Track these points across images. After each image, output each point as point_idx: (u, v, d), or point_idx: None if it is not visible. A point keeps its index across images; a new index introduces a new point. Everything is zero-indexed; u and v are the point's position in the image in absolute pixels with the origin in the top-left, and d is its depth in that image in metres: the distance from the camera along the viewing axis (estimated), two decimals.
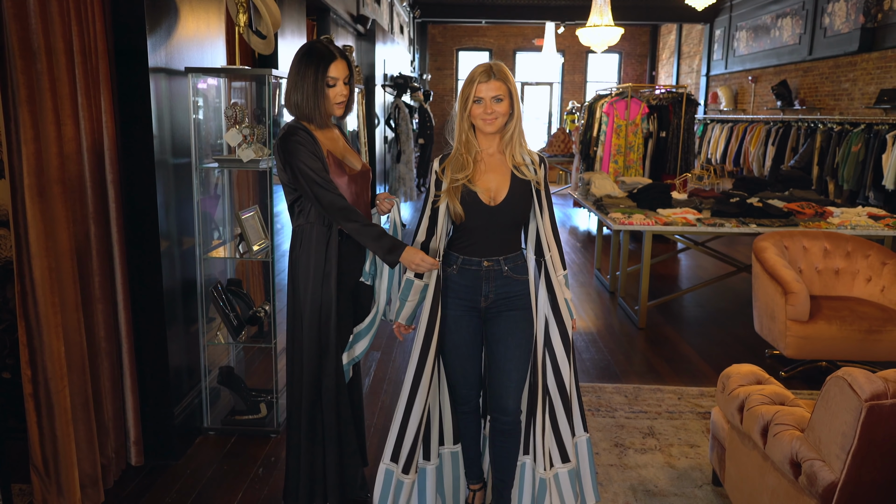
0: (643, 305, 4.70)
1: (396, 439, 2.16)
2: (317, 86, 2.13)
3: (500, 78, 2.03)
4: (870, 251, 3.91)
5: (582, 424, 2.26)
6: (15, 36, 2.08)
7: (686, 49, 13.44)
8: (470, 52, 15.26)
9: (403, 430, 2.15)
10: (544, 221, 2.15)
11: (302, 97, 2.14)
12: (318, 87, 2.13)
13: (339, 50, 2.19)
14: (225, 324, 3.05)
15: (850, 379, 1.77)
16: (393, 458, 2.17)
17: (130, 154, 2.63)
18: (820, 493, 1.83)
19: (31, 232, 2.17)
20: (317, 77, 2.13)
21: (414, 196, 8.26)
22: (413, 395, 2.14)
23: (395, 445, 2.17)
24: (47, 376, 2.27)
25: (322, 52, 2.15)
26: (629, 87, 7.67)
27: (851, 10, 7.60)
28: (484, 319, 2.22)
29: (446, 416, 2.31)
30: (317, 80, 2.13)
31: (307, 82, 2.13)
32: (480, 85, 2.02)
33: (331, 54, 2.15)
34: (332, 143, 2.27)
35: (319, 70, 2.13)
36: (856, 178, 6.60)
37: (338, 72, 2.15)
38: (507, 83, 2.04)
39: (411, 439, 2.15)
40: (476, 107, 2.05)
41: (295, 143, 2.12)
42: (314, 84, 2.13)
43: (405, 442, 2.15)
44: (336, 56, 2.15)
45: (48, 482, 2.34)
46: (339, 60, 2.16)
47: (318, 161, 2.14)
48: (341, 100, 2.19)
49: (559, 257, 2.18)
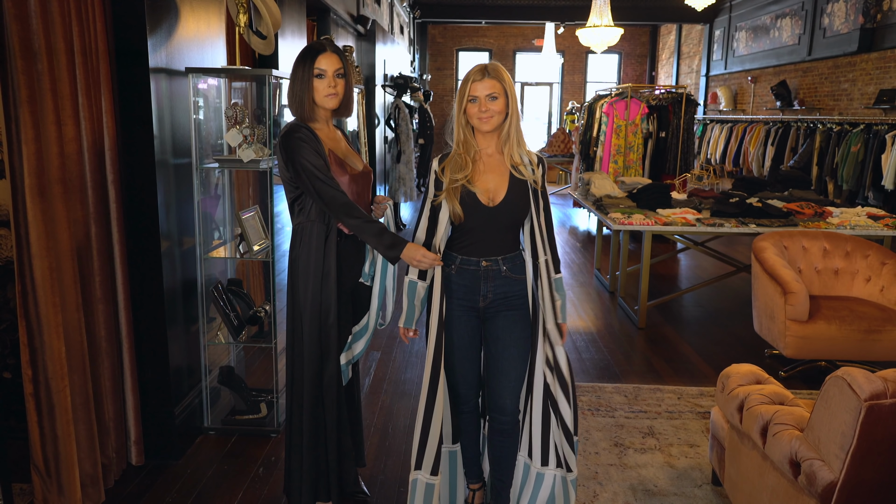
0: (643, 305, 4.70)
1: (419, 446, 2.16)
2: (304, 77, 2.17)
3: (494, 76, 2.04)
4: (869, 251, 3.91)
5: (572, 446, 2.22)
6: (16, 36, 2.09)
7: (686, 49, 13.45)
8: (470, 53, 15.26)
9: (426, 435, 2.15)
10: (539, 222, 2.15)
11: (292, 91, 2.20)
12: (305, 78, 2.17)
13: (331, 45, 2.21)
14: (225, 324, 3.06)
15: (849, 379, 1.77)
16: (417, 466, 2.17)
17: (131, 154, 2.63)
18: (819, 492, 1.83)
19: (32, 232, 2.18)
20: (304, 69, 2.17)
21: (414, 196, 8.26)
22: (432, 400, 2.14)
23: (419, 452, 2.16)
24: (48, 376, 2.28)
25: (312, 46, 2.20)
26: (629, 88, 7.68)
27: (851, 10, 7.61)
28: (482, 319, 2.23)
29: (446, 415, 2.31)
30: (304, 72, 2.17)
31: (297, 76, 2.18)
32: (475, 83, 2.04)
33: (320, 47, 2.19)
34: (333, 142, 2.28)
35: (307, 62, 2.17)
36: (855, 179, 6.61)
37: (327, 64, 2.18)
38: (502, 81, 2.05)
39: (436, 442, 2.15)
40: (471, 105, 2.06)
41: (297, 140, 2.14)
42: (303, 76, 2.17)
43: (429, 446, 2.15)
44: (325, 49, 2.19)
45: (49, 482, 2.34)
46: (329, 53, 2.18)
47: (321, 158, 2.15)
48: (329, 92, 2.19)
49: (554, 260, 2.18)
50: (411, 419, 3.22)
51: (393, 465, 2.84)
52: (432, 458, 2.16)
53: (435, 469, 2.16)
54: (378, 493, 2.64)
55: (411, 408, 3.35)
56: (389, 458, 2.89)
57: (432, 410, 2.13)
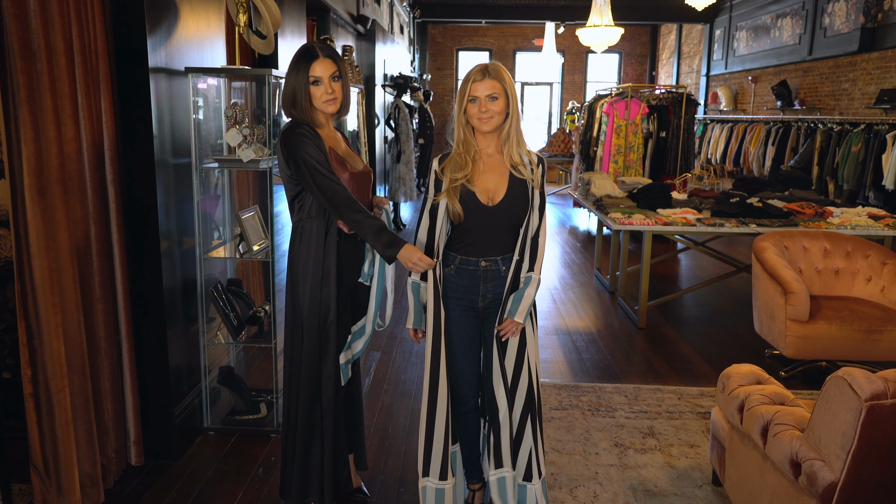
0: (643, 305, 4.70)
1: (424, 453, 2.17)
2: (300, 83, 2.16)
3: (494, 77, 2.04)
4: (870, 251, 3.91)
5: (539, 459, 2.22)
6: (15, 36, 2.08)
7: (686, 49, 13.45)
8: (470, 53, 15.26)
9: (430, 441, 2.15)
10: (532, 220, 2.14)
11: (287, 95, 2.19)
12: (301, 85, 2.16)
13: (325, 48, 2.19)
14: (225, 324, 3.06)
15: (849, 379, 1.77)
16: (425, 473, 2.18)
17: (130, 154, 2.63)
18: (820, 493, 1.83)
19: (32, 232, 2.17)
20: (298, 77, 2.16)
21: (414, 196, 8.26)
22: (433, 404, 2.14)
23: (425, 459, 2.17)
24: (47, 376, 2.27)
25: (306, 52, 2.18)
26: (629, 88, 7.67)
27: (851, 10, 7.61)
28: (482, 319, 2.23)
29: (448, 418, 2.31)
30: (299, 78, 2.16)
31: (292, 82, 2.17)
32: (475, 84, 2.04)
33: (313, 54, 2.16)
34: (334, 142, 2.29)
35: (301, 70, 2.16)
36: (856, 178, 6.61)
37: (322, 70, 2.16)
38: (502, 82, 2.04)
39: (441, 447, 2.15)
40: (471, 106, 2.06)
41: (299, 136, 2.14)
42: (298, 83, 2.16)
43: (434, 451, 2.16)
44: (318, 55, 2.16)
45: (48, 482, 2.34)
46: (323, 59, 2.16)
47: (322, 153, 2.15)
48: (328, 98, 2.19)
49: (534, 258, 2.15)
50: (412, 419, 3.22)
51: (393, 465, 2.84)
52: (439, 463, 2.16)
53: (444, 474, 2.16)
54: (378, 493, 2.64)
55: (411, 408, 3.34)
56: (389, 458, 2.89)
57: (434, 414, 2.14)
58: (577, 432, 3.14)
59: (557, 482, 2.72)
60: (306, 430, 2.31)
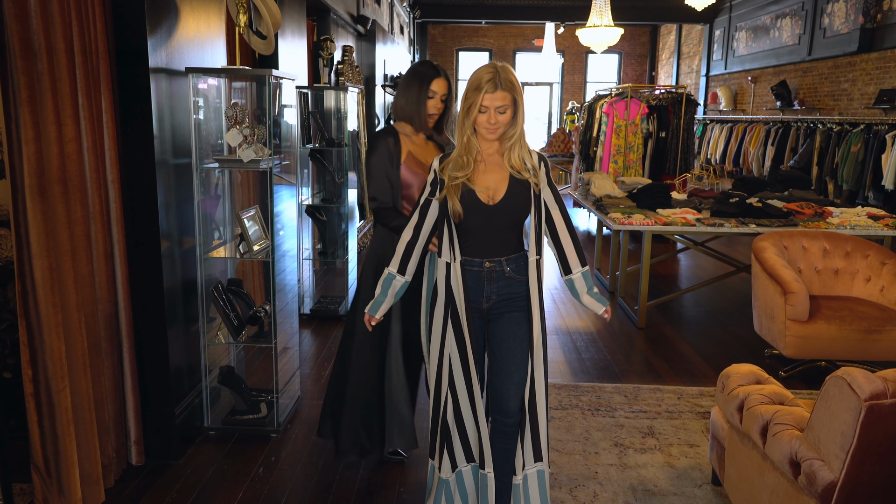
0: (643, 305, 4.70)
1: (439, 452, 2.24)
2: (420, 96, 2.50)
3: (506, 88, 2.00)
4: (869, 251, 3.91)
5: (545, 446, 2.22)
6: (16, 36, 2.09)
7: (686, 49, 13.45)
8: (470, 53, 15.27)
9: (445, 439, 2.22)
10: (555, 218, 2.17)
11: (405, 102, 2.52)
12: (420, 97, 2.50)
13: (443, 71, 2.56)
14: (225, 324, 3.06)
15: (849, 379, 1.77)
16: (431, 454, 2.28)
17: (131, 154, 2.63)
18: (819, 492, 1.83)
19: (32, 232, 2.18)
20: (420, 88, 2.50)
21: None
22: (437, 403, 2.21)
23: (431, 442, 2.28)
24: (48, 376, 2.28)
25: (427, 69, 2.54)
26: (629, 88, 7.68)
27: (851, 10, 7.61)
28: (486, 321, 2.23)
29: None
30: (420, 91, 2.50)
31: (411, 91, 2.50)
32: (487, 95, 2.00)
33: (436, 73, 2.53)
34: (418, 147, 2.58)
35: (424, 83, 2.50)
36: (855, 179, 6.61)
37: (438, 87, 2.51)
38: (514, 92, 2.02)
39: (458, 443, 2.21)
40: (481, 116, 2.04)
41: (378, 141, 2.52)
42: (417, 94, 2.50)
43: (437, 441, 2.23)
44: (440, 74, 2.53)
45: (49, 481, 2.34)
46: (441, 78, 2.52)
47: (389, 163, 2.49)
48: (434, 112, 2.53)
49: (575, 254, 2.22)
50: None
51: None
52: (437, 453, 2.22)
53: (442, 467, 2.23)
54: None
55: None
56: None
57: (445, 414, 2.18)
58: (576, 432, 3.14)
59: (557, 482, 2.72)
60: (337, 369, 2.72)
